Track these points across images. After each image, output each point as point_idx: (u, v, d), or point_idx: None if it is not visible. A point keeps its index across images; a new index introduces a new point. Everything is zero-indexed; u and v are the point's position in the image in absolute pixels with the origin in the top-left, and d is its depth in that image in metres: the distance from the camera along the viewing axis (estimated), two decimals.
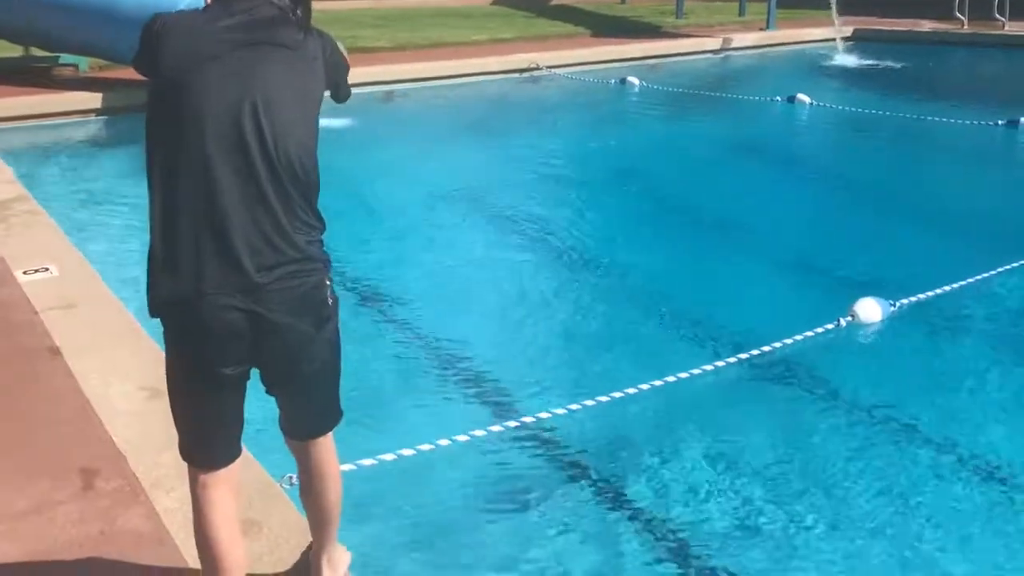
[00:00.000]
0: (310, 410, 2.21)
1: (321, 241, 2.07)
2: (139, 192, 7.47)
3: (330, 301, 2.09)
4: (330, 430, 2.25)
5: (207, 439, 2.12)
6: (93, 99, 9.17)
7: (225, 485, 2.12)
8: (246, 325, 1.96)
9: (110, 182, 7.20)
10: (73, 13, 9.27)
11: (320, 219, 2.06)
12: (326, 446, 2.25)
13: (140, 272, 5.40)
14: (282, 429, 2.26)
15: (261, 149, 1.92)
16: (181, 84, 1.92)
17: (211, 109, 1.90)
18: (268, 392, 2.16)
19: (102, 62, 10.24)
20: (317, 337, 2.07)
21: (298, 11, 2.04)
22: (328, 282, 2.08)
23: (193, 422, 2.12)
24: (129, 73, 9.85)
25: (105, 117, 9.07)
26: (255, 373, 2.12)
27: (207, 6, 2.04)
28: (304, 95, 2.02)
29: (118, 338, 3.87)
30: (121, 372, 3.53)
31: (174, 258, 1.93)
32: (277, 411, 2.24)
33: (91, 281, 4.55)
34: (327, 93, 2.21)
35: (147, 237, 2.01)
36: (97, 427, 3.17)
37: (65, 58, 10.18)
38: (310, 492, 2.29)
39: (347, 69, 2.29)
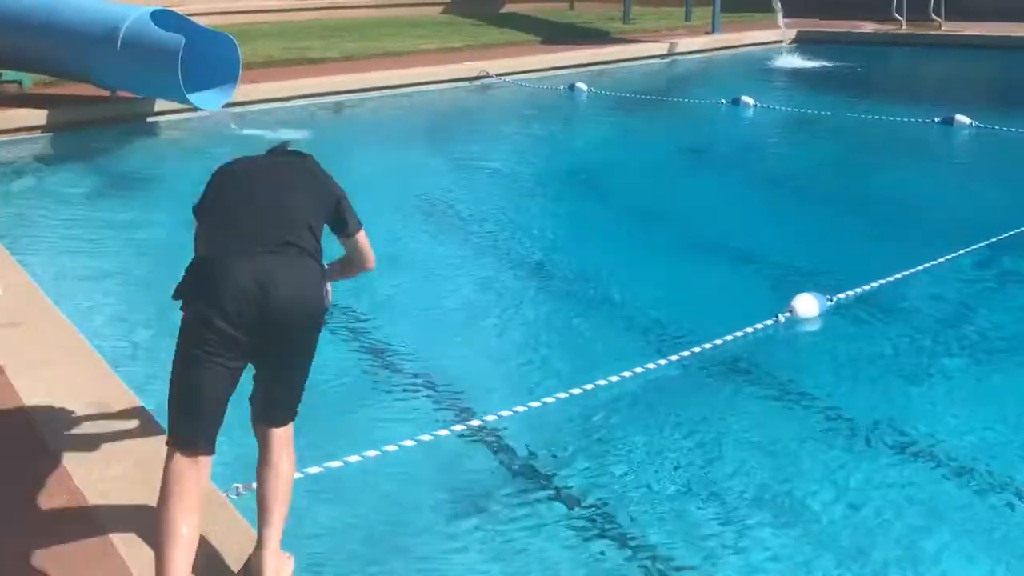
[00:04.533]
0: (286, 393, 2.56)
1: (322, 264, 2.58)
2: (84, 209, 7.44)
3: (326, 301, 2.55)
4: (290, 421, 2.58)
5: (195, 417, 2.36)
6: (37, 116, 9.06)
7: (198, 473, 2.34)
8: (257, 293, 2.33)
9: (55, 200, 7.14)
10: (15, 29, 9.20)
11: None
12: (286, 439, 2.54)
13: (85, 290, 5.40)
14: (255, 416, 2.59)
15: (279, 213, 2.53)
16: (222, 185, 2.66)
17: (245, 189, 2.60)
18: (259, 372, 2.53)
19: (47, 79, 10.14)
20: (314, 325, 2.50)
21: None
22: (328, 285, 2.58)
23: (188, 395, 2.37)
24: (73, 89, 9.78)
25: (51, 134, 8.98)
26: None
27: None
28: (317, 193, 2.67)
29: (63, 355, 3.87)
30: (66, 389, 3.54)
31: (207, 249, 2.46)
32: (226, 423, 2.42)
33: (36, 299, 4.54)
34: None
35: (92, 253, 2.07)
36: (41, 443, 3.17)
37: (8, 75, 10.06)
38: (262, 483, 2.51)
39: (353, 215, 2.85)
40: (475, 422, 3.75)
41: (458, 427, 3.72)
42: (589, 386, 3.96)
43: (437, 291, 5.39)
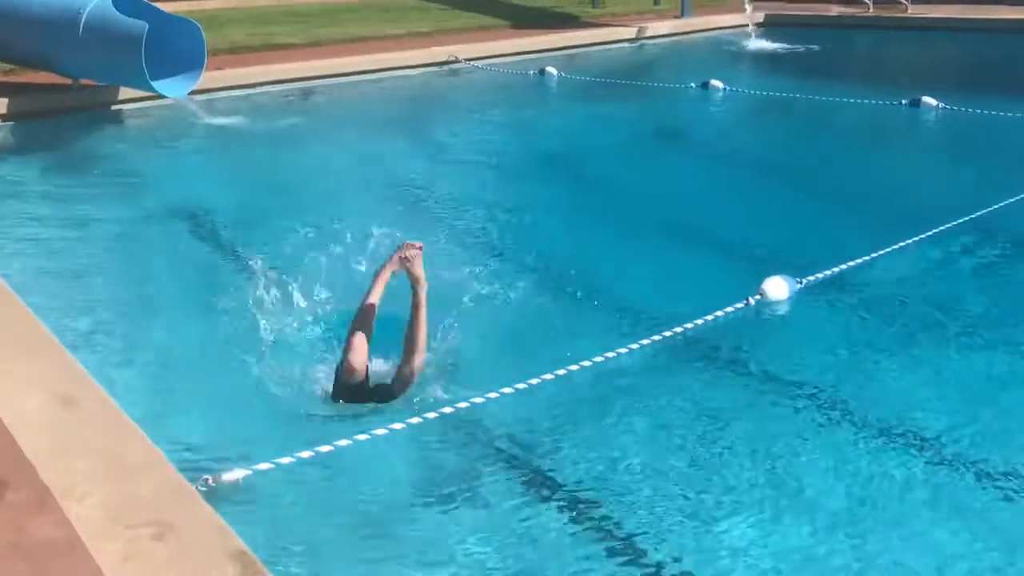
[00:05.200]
0: None
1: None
2: (46, 199, 7.30)
3: None
4: None
5: None
6: None
7: None
8: None
9: (19, 189, 7.03)
10: None
11: None
12: None
13: (48, 280, 5.29)
14: None
15: None
16: None
17: None
18: None
19: (6, 66, 9.95)
20: None
21: None
22: None
23: None
24: (35, 77, 9.62)
25: (11, 123, 8.81)
26: None
27: None
28: None
29: (28, 348, 3.80)
30: (31, 381, 3.48)
31: None
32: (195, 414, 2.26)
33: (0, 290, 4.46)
34: None
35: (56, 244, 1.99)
36: (5, 437, 3.11)
37: None
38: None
39: None
40: (447, 409, 3.72)
41: (431, 414, 3.69)
42: (561, 371, 3.94)
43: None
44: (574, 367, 3.98)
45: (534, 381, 3.86)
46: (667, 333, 4.33)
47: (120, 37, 8.22)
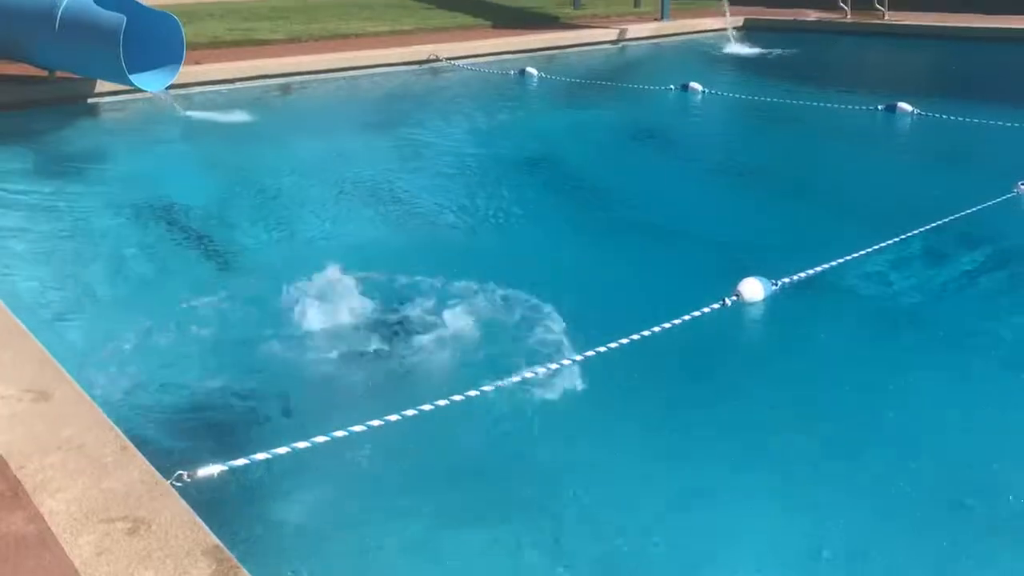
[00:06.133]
0: None
1: None
2: (22, 192, 7.24)
3: None
4: None
5: None
6: None
7: None
8: None
9: None
10: None
11: None
12: None
13: (21, 273, 5.26)
14: None
15: None
16: None
17: None
18: None
19: None
20: None
21: None
22: None
23: None
24: (11, 69, 9.51)
25: None
26: None
27: None
28: None
29: (1, 340, 3.77)
30: (3, 374, 3.45)
31: None
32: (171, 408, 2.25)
33: None
34: None
35: (29, 236, 2.00)
36: None
37: None
38: None
39: None
40: (426, 407, 3.72)
41: (409, 412, 3.68)
42: (541, 369, 3.96)
43: (379, 272, 5.34)
44: (553, 365, 3.99)
45: (515, 379, 3.87)
46: (644, 333, 4.33)
47: (98, 30, 8.15)
